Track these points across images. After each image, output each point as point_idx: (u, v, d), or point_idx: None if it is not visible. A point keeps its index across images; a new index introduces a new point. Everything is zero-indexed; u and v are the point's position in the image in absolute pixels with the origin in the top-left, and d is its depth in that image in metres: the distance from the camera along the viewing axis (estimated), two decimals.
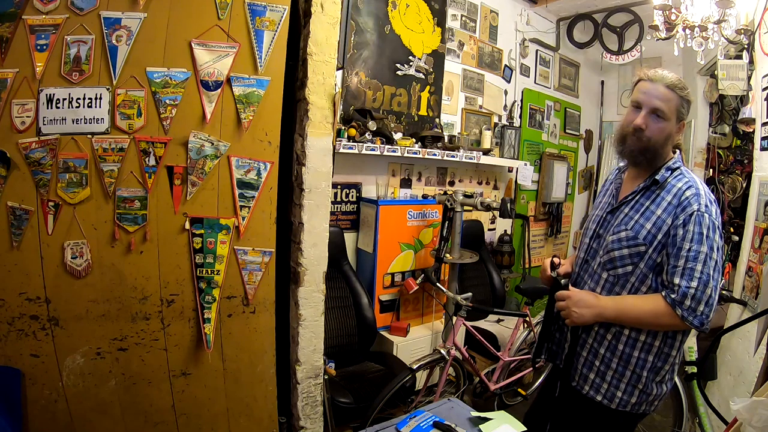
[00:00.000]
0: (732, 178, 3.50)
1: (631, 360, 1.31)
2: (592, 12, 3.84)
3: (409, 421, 1.24)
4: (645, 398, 1.32)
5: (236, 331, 1.80)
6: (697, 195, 1.25)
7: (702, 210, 1.23)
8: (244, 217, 1.74)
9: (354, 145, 2.49)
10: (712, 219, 1.23)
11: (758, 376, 1.85)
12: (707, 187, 1.30)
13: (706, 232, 1.22)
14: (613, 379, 1.33)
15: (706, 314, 1.20)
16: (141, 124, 1.61)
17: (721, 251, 1.25)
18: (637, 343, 1.30)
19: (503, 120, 3.77)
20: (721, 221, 1.27)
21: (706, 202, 1.24)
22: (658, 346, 1.30)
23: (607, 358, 1.34)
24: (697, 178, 1.30)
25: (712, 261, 1.21)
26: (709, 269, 1.20)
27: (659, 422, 2.61)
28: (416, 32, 3.03)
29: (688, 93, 1.33)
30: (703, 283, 1.19)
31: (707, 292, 1.19)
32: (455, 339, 2.37)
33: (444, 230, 2.70)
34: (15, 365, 1.54)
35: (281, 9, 1.70)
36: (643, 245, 1.28)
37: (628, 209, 1.34)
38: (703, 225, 1.22)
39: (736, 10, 2.31)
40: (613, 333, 1.33)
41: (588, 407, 1.38)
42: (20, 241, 1.53)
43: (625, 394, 1.32)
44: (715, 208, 1.26)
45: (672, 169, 1.32)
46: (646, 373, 1.30)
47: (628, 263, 1.30)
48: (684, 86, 1.32)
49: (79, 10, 1.54)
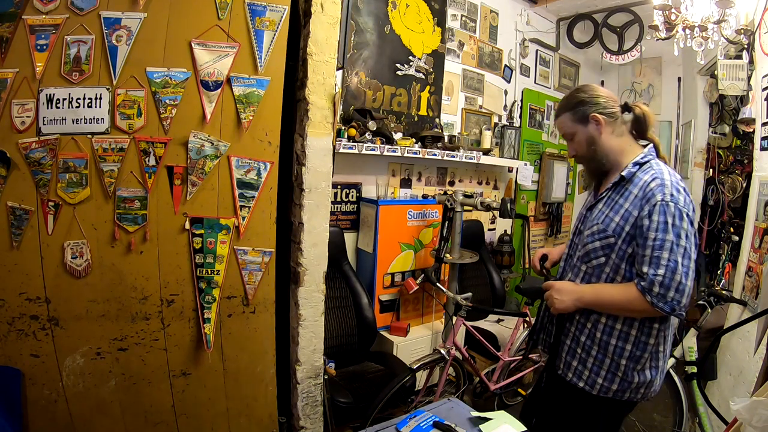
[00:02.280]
0: (732, 178, 3.50)
1: (608, 348, 1.36)
2: (592, 12, 3.84)
3: (409, 421, 1.24)
4: (627, 386, 1.35)
5: (236, 331, 1.80)
6: (662, 185, 1.27)
7: (666, 199, 1.25)
8: (244, 217, 1.74)
9: (354, 145, 2.49)
10: (678, 207, 1.25)
11: (758, 376, 1.85)
12: (677, 177, 1.32)
13: (672, 221, 1.24)
14: (593, 366, 1.38)
15: (677, 300, 1.23)
16: (141, 124, 1.61)
17: (693, 237, 1.27)
18: (614, 332, 1.35)
19: (503, 120, 3.77)
20: (692, 208, 1.29)
21: (671, 191, 1.26)
22: (635, 335, 1.34)
23: (588, 346, 1.40)
24: (666, 169, 1.33)
25: (679, 248, 1.23)
26: (677, 256, 1.23)
27: (659, 422, 2.61)
28: (416, 32, 3.03)
29: (573, 96, 1.43)
30: (671, 270, 1.22)
31: (676, 278, 1.22)
32: (455, 339, 2.37)
33: (444, 230, 2.70)
34: (15, 365, 1.54)
35: (281, 9, 1.71)
36: (612, 237, 1.33)
37: (602, 205, 1.41)
38: (668, 214, 1.24)
39: (736, 10, 2.31)
40: (592, 322, 1.39)
41: (572, 394, 1.43)
42: (20, 241, 1.53)
43: (606, 380, 1.37)
44: (683, 197, 1.27)
45: (640, 163, 1.36)
46: (625, 361, 1.34)
47: (601, 255, 1.36)
48: (566, 97, 1.45)
49: (79, 10, 1.54)
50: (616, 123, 1.39)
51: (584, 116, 1.39)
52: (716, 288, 2.50)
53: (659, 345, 1.36)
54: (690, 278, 1.24)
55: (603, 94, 1.41)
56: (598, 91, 1.42)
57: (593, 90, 1.42)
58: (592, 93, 1.41)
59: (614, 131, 1.39)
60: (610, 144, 1.39)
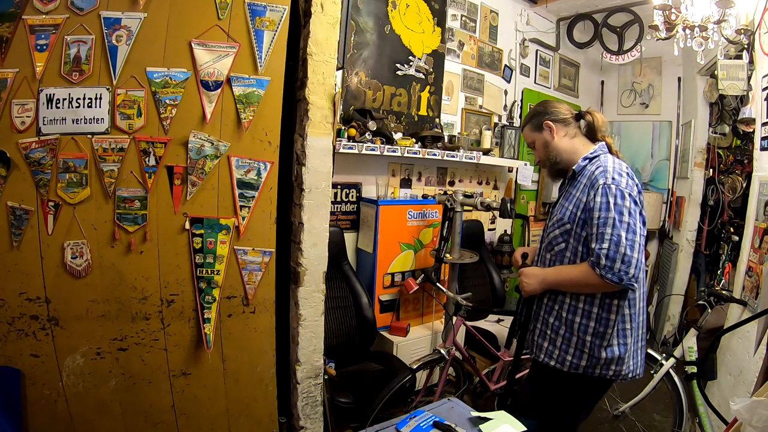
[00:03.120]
0: (732, 178, 3.49)
1: (574, 326, 1.49)
2: (592, 12, 3.84)
3: (409, 421, 1.24)
4: (595, 362, 1.47)
5: (236, 331, 1.80)
6: (604, 171, 1.43)
7: (608, 183, 1.40)
8: (244, 217, 1.74)
9: (354, 145, 2.49)
10: (619, 188, 1.39)
11: (758, 376, 1.85)
12: (622, 165, 1.47)
13: (613, 200, 1.38)
14: (562, 345, 1.51)
15: (624, 271, 1.34)
16: (141, 124, 1.61)
17: (639, 215, 1.40)
18: (578, 310, 1.49)
19: (503, 120, 3.77)
20: (636, 190, 1.43)
21: (612, 175, 1.42)
22: (596, 312, 1.46)
23: (556, 326, 1.53)
24: (611, 159, 1.49)
25: (622, 224, 1.36)
26: (620, 230, 1.35)
27: (659, 422, 2.62)
28: (416, 32, 3.03)
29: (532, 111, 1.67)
30: (614, 243, 1.35)
31: (620, 251, 1.34)
32: (455, 339, 2.37)
33: (444, 230, 2.70)
34: (15, 365, 1.54)
35: (281, 9, 1.71)
36: (568, 223, 1.50)
37: (561, 199, 1.59)
38: (610, 194, 1.39)
39: (736, 10, 2.31)
40: (558, 303, 1.53)
41: (545, 373, 1.57)
42: (20, 241, 1.53)
43: (575, 357, 1.49)
44: (625, 180, 1.42)
45: (590, 158, 1.53)
46: (590, 338, 1.47)
47: (561, 241, 1.52)
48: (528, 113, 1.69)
49: (79, 10, 1.54)
50: (568, 128, 1.59)
51: (539, 124, 1.62)
52: (716, 288, 2.50)
53: (623, 322, 1.47)
54: (636, 251, 1.35)
55: (555, 106, 1.63)
56: (551, 104, 1.65)
57: (548, 104, 1.66)
58: (546, 106, 1.64)
59: (566, 134, 1.59)
60: (563, 146, 1.58)
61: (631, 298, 1.47)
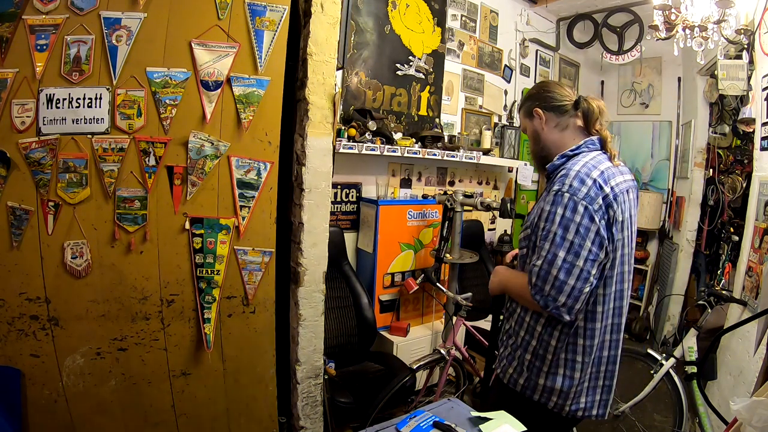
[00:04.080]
0: (732, 178, 3.49)
1: (518, 338, 1.36)
2: (592, 12, 3.84)
3: (409, 421, 1.24)
4: (534, 385, 1.32)
5: (236, 331, 1.80)
6: (564, 176, 1.22)
7: (563, 190, 1.19)
8: (244, 217, 1.74)
9: (354, 145, 2.49)
10: (574, 198, 1.17)
11: (758, 376, 1.85)
12: (594, 167, 1.22)
13: (562, 212, 1.17)
14: (509, 355, 1.39)
15: (552, 296, 1.16)
16: (141, 124, 1.61)
17: (592, 234, 1.16)
18: (524, 324, 1.35)
19: (503, 120, 3.77)
20: (599, 200, 1.18)
21: (571, 182, 1.19)
22: (539, 331, 1.31)
23: (508, 334, 1.42)
24: (586, 159, 1.25)
25: (564, 241, 1.16)
26: (558, 249, 1.16)
27: (659, 422, 2.62)
28: (416, 32, 3.03)
29: (527, 93, 1.45)
30: (548, 262, 1.17)
31: (552, 272, 1.16)
32: (455, 339, 2.37)
33: (444, 230, 2.70)
34: (15, 365, 1.54)
35: (281, 9, 1.71)
36: (528, 229, 1.33)
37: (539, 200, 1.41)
38: (560, 204, 1.18)
39: (736, 10, 2.31)
40: (512, 310, 1.41)
41: (497, 381, 1.46)
42: (20, 241, 1.53)
43: (515, 372, 1.36)
44: (587, 189, 1.18)
45: (568, 155, 1.30)
46: (530, 356, 1.32)
47: (524, 246, 1.36)
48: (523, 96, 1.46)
49: (79, 10, 1.54)
50: (562, 117, 1.34)
51: (529, 111, 1.39)
52: (716, 288, 2.50)
53: (572, 353, 1.27)
54: (574, 277, 1.15)
55: (551, 89, 1.37)
56: (547, 87, 1.40)
57: (543, 86, 1.42)
58: (540, 89, 1.40)
59: (558, 125, 1.35)
60: (552, 138, 1.36)
61: (588, 327, 1.26)
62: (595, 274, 1.18)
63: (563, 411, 1.31)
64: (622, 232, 1.25)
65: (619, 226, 1.22)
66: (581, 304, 1.19)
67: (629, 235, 1.30)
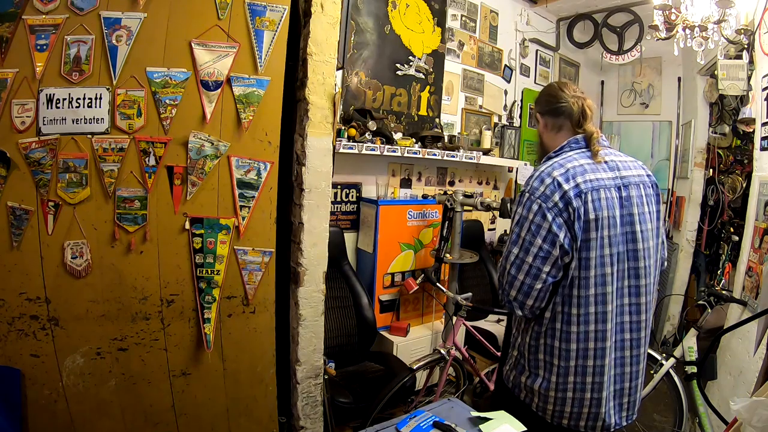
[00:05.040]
0: (732, 178, 3.49)
1: (512, 337, 1.39)
2: (592, 12, 3.84)
3: (409, 421, 1.24)
4: (518, 381, 1.34)
5: (236, 331, 1.80)
6: (531, 176, 1.25)
7: (525, 190, 1.23)
8: (244, 217, 1.74)
9: (354, 145, 2.49)
10: (531, 197, 1.19)
11: (758, 376, 1.85)
12: (561, 166, 1.22)
13: (521, 211, 1.21)
14: (508, 353, 1.41)
15: (506, 291, 1.22)
16: (141, 124, 1.61)
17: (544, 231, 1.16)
18: (515, 321, 1.39)
19: (503, 120, 3.77)
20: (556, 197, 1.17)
21: (532, 182, 1.22)
22: (522, 329, 1.33)
23: (509, 333, 1.43)
24: (554, 160, 1.26)
25: (518, 238, 1.20)
26: (512, 245, 1.21)
27: (659, 422, 2.61)
28: (416, 32, 3.03)
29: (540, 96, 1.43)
30: (504, 257, 1.23)
31: (506, 267, 1.21)
32: (455, 339, 2.37)
33: (444, 230, 2.70)
34: (15, 365, 1.54)
35: (281, 9, 1.71)
36: None
37: None
38: (521, 204, 1.22)
39: (736, 10, 2.31)
40: None
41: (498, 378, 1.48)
42: (20, 241, 1.53)
43: (509, 369, 1.39)
44: (545, 187, 1.18)
45: (551, 157, 1.31)
46: (516, 353, 1.35)
47: None
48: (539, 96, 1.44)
49: (79, 10, 1.54)
50: (557, 119, 1.35)
51: (534, 116, 1.44)
52: (716, 288, 2.50)
53: (550, 354, 1.25)
54: (523, 272, 1.18)
55: (550, 94, 1.38)
56: (549, 89, 1.40)
57: (547, 89, 1.42)
58: (543, 92, 1.42)
59: (554, 127, 1.36)
60: (549, 142, 1.38)
61: (563, 330, 1.22)
62: (547, 271, 1.18)
63: (546, 415, 1.29)
64: (598, 231, 1.18)
65: (589, 225, 1.17)
66: (535, 301, 1.21)
67: (621, 233, 1.22)
